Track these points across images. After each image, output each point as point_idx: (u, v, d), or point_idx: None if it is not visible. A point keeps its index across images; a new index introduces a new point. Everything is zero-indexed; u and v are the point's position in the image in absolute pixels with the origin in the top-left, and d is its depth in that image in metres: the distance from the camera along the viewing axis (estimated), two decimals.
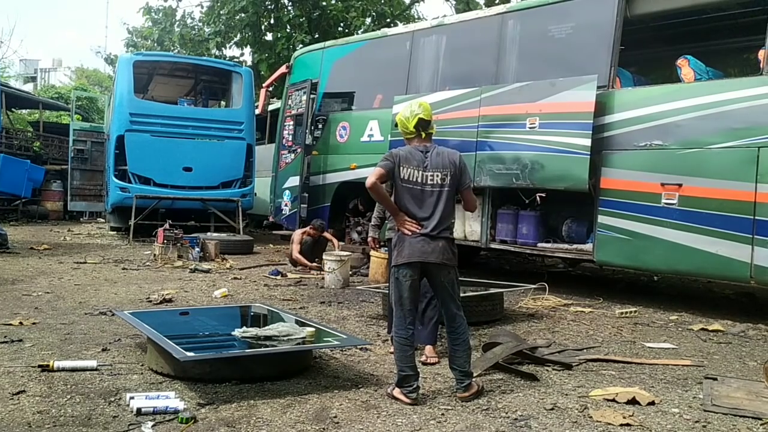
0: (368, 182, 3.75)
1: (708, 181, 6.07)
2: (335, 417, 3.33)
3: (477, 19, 8.61)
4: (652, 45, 8.08)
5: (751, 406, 3.59)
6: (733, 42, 7.76)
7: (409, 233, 3.75)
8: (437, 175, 3.80)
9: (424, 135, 3.92)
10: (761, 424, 3.34)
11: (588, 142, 6.72)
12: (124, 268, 8.70)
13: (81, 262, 9.12)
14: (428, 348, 4.58)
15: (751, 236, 5.79)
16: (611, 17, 6.86)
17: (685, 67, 6.63)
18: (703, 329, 5.73)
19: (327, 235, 9.27)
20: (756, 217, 5.75)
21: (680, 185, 6.24)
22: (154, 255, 9.51)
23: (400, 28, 12.76)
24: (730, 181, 5.93)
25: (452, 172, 3.82)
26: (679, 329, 5.80)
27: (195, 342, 4.38)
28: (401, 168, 3.76)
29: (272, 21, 18.69)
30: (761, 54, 5.95)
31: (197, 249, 9.65)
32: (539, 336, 5.38)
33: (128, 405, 3.36)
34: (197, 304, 6.38)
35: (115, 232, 13.67)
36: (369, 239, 5.88)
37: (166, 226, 9.77)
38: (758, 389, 3.91)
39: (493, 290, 6.15)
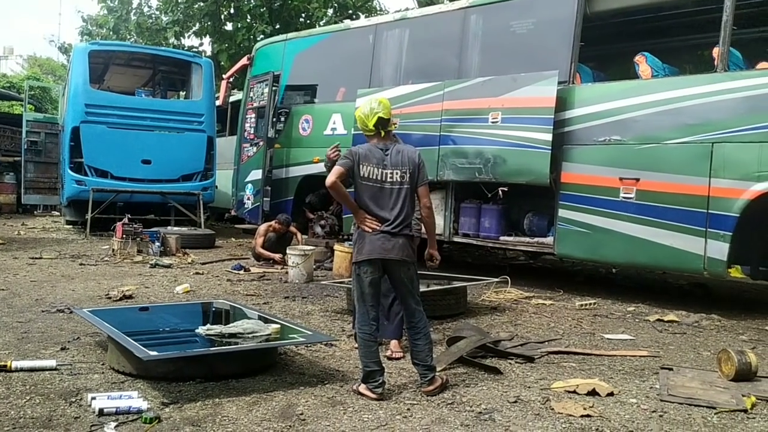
0: (328, 181, 3.76)
1: (664, 176, 6.23)
2: (301, 414, 3.33)
3: (440, 14, 8.64)
4: (611, 41, 8.23)
5: (706, 396, 3.71)
6: (689, 39, 7.96)
7: (370, 230, 3.77)
8: (397, 173, 3.82)
9: (383, 133, 3.93)
10: (715, 413, 3.46)
11: (549, 136, 6.82)
12: (81, 264, 8.51)
13: (36, 258, 8.89)
14: (393, 343, 4.61)
15: (704, 229, 5.96)
16: (571, 14, 6.96)
17: (643, 63, 6.77)
18: (659, 320, 5.90)
19: (292, 228, 9.22)
20: (709, 211, 5.93)
21: (638, 180, 6.39)
22: (113, 250, 9.32)
23: (363, 21, 12.71)
24: (685, 175, 6.09)
25: (411, 169, 3.86)
26: (636, 320, 5.95)
27: (157, 340, 4.33)
28: (361, 166, 3.78)
29: (232, 11, 18.41)
30: (715, 51, 6.11)
31: (157, 243, 9.49)
32: (502, 329, 5.46)
33: (90, 405, 3.31)
34: (159, 301, 6.28)
35: (71, 226, 13.34)
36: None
37: (125, 220, 9.58)
38: (712, 379, 4.05)
39: (456, 284, 6.21)
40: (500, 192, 8.09)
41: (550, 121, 6.82)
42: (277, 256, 8.71)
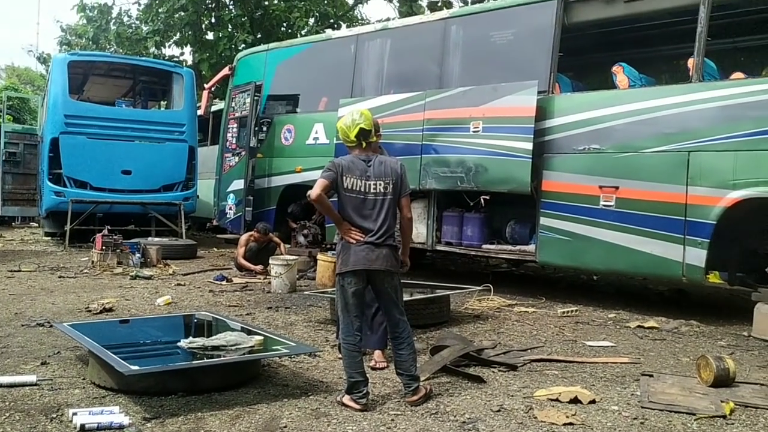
0: (313, 194, 3.77)
1: (643, 184, 6.32)
2: (285, 427, 3.33)
3: (421, 24, 8.71)
4: (589, 52, 8.35)
5: (686, 402, 3.76)
6: (665, 50, 8.10)
7: (354, 242, 3.79)
8: (380, 184, 3.85)
9: (365, 144, 3.95)
10: (695, 419, 3.51)
11: (530, 145, 6.89)
12: (60, 276, 8.41)
13: (15, 270, 8.77)
14: (377, 353, 4.62)
15: (682, 236, 6.05)
16: (550, 24, 7.05)
17: (620, 73, 6.87)
18: (639, 326, 5.96)
19: (275, 238, 9.20)
20: (687, 218, 6.02)
21: (617, 188, 6.47)
22: (93, 262, 9.23)
23: (345, 31, 12.77)
24: (663, 183, 6.18)
25: (394, 180, 3.88)
26: (617, 327, 6.01)
27: (139, 353, 4.29)
28: (344, 178, 3.80)
29: (213, 20, 18.40)
30: (690, 62, 6.23)
31: (138, 255, 9.41)
32: (485, 337, 5.49)
33: (71, 421, 3.27)
34: (139, 313, 6.23)
35: (49, 238, 13.19)
36: None
37: (105, 231, 9.50)
38: (691, 385, 4.11)
39: (439, 293, 6.24)
40: (482, 200, 8.15)
41: (531, 130, 6.90)
42: (258, 268, 8.68)
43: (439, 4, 19.93)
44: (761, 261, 5.90)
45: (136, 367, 3.63)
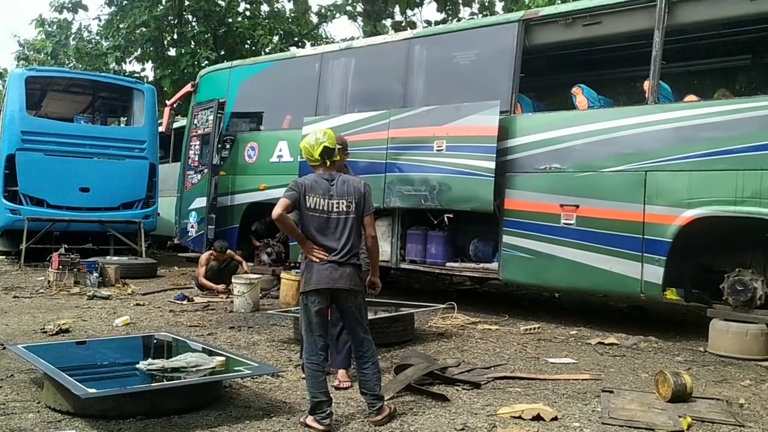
0: (274, 214, 3.77)
1: (602, 203, 6.45)
2: None
3: (385, 44, 8.78)
4: (550, 73, 8.53)
5: (645, 417, 3.83)
6: (622, 72, 8.31)
7: (317, 260, 3.78)
8: (343, 203, 3.86)
9: (329, 163, 3.96)
10: None
11: (492, 164, 6.97)
12: (15, 297, 8.17)
13: None
14: (341, 372, 4.59)
15: (641, 254, 6.18)
16: (511, 46, 7.18)
17: (579, 95, 7.03)
18: (600, 343, 6.06)
19: (237, 257, 9.10)
20: (645, 236, 6.15)
21: (577, 206, 6.59)
22: (49, 281, 8.98)
23: (309, 49, 12.83)
24: (622, 202, 6.32)
25: (357, 199, 3.89)
26: (579, 344, 6.09)
27: (96, 376, 4.19)
28: (307, 197, 3.80)
29: (175, 36, 18.27)
30: (646, 84, 6.41)
31: (96, 274, 9.20)
32: (449, 355, 5.50)
33: None
34: (97, 335, 6.09)
35: (4, 257, 12.81)
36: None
37: (62, 250, 9.26)
38: (650, 400, 4.18)
39: (403, 311, 6.24)
40: (446, 219, 8.20)
41: (493, 149, 6.99)
42: (220, 287, 8.57)
43: (403, 24, 20.19)
44: (715, 278, 6.05)
45: (93, 390, 3.54)
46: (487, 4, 20.65)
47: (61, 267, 8.96)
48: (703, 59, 7.92)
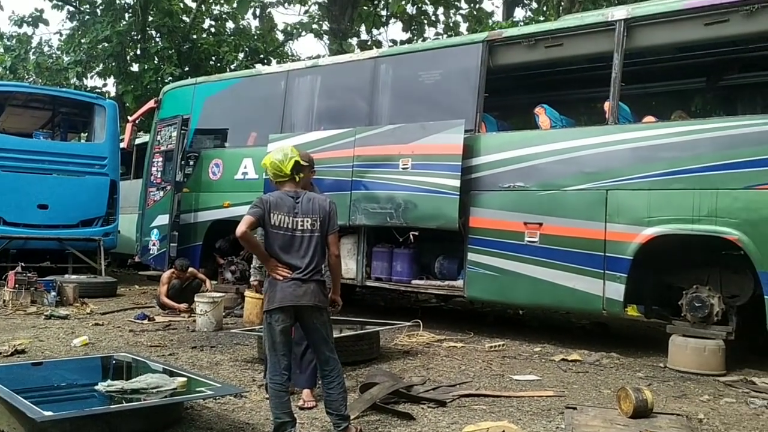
0: (238, 231, 3.72)
1: (565, 221, 6.55)
2: None
3: (351, 62, 8.82)
4: (514, 93, 8.67)
5: None
6: (583, 93, 8.50)
7: (281, 278, 3.75)
8: (307, 221, 3.84)
9: (297, 179, 3.95)
10: None
11: (457, 182, 7.04)
12: None
13: None
14: (306, 392, 4.55)
15: (602, 271, 6.28)
16: (476, 66, 7.28)
17: (542, 114, 7.15)
18: (563, 359, 6.11)
19: (200, 275, 8.96)
20: (606, 254, 6.26)
21: (541, 224, 6.67)
22: (4, 300, 8.71)
23: (275, 67, 12.80)
24: (584, 220, 6.43)
25: (322, 217, 3.88)
26: (543, 360, 6.14)
27: (53, 398, 4.07)
28: (271, 214, 3.77)
29: (139, 52, 18.07)
30: (606, 105, 6.56)
31: (53, 293, 8.95)
32: (415, 373, 5.49)
33: None
34: (54, 355, 5.91)
35: None
36: (254, 282, 5.61)
37: (18, 268, 9.01)
38: (612, 416, 4.22)
39: (369, 329, 6.22)
40: (411, 236, 8.22)
41: (458, 167, 7.05)
42: (182, 306, 8.42)
43: (369, 42, 20.36)
44: (674, 294, 6.17)
45: (49, 413, 3.43)
46: (451, 24, 21.02)
47: (17, 286, 8.72)
48: (661, 81, 8.15)
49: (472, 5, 20.37)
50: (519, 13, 19.62)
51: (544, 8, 17.92)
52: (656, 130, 6.29)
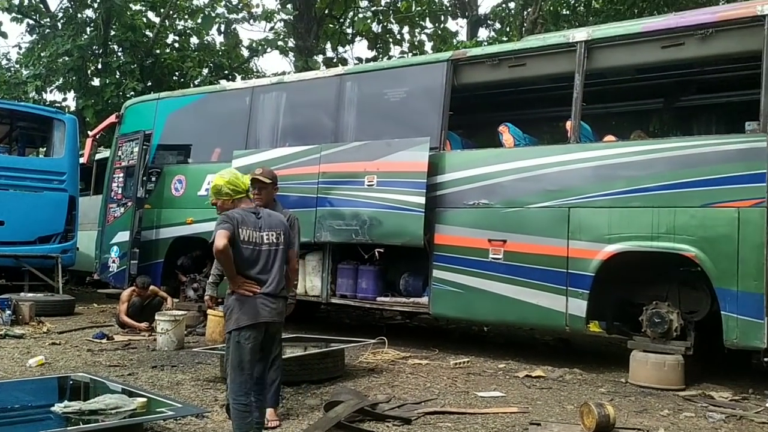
0: (220, 244, 3.69)
1: (528, 238, 6.62)
2: None
3: (317, 79, 8.84)
4: (478, 111, 8.78)
5: None
6: (546, 112, 8.66)
7: (250, 294, 3.72)
8: (272, 235, 3.89)
9: (252, 196, 4.07)
10: None
11: (422, 199, 7.07)
12: None
13: None
14: (269, 411, 4.47)
15: (565, 288, 6.36)
16: (441, 84, 7.36)
17: (506, 133, 7.25)
18: (527, 376, 6.15)
19: (161, 293, 8.80)
20: (569, 271, 6.35)
21: (505, 241, 6.74)
22: None
23: (240, 83, 12.76)
24: (547, 237, 6.51)
25: (284, 230, 3.95)
26: (507, 377, 6.17)
27: (7, 420, 3.94)
28: (240, 229, 3.77)
29: (100, 66, 17.80)
30: (568, 124, 6.69)
31: (8, 311, 8.67)
32: (380, 391, 5.46)
33: None
34: (9, 376, 5.71)
35: None
36: (207, 298, 5.57)
37: None
38: None
39: (333, 346, 6.17)
40: (377, 253, 8.22)
41: (423, 185, 7.09)
42: (142, 325, 8.24)
43: (335, 60, 20.45)
44: (635, 310, 6.28)
45: None
46: (416, 43, 21.24)
47: None
48: (621, 102, 8.35)
49: (436, 25, 20.62)
50: (483, 33, 19.96)
51: (507, 29, 18.25)
52: (616, 149, 6.43)
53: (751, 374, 6.43)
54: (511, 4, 18.81)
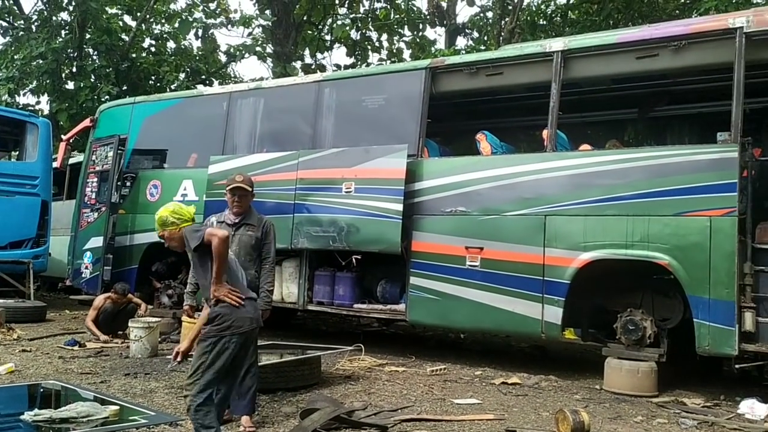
0: (223, 235, 3.72)
1: (505, 245, 6.66)
2: None
3: (295, 85, 8.82)
4: (456, 119, 8.83)
5: None
6: (523, 120, 8.73)
7: (236, 304, 3.79)
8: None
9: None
10: None
11: (400, 206, 7.08)
12: None
13: None
14: (245, 419, 4.45)
15: (541, 295, 6.40)
16: (419, 92, 7.39)
17: (483, 141, 7.30)
18: (503, 383, 6.17)
19: (135, 299, 8.67)
20: (545, 278, 6.39)
21: (482, 248, 6.77)
22: None
23: (217, 88, 12.69)
24: (523, 245, 6.55)
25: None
26: (483, 384, 6.19)
27: None
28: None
29: (75, 69, 17.56)
30: (545, 133, 6.75)
31: None
32: (356, 398, 5.43)
33: None
34: None
35: None
36: (186, 307, 5.50)
37: None
38: None
39: (310, 353, 6.14)
40: (354, 260, 8.21)
41: (401, 192, 7.10)
42: (102, 337, 8.05)
43: (313, 66, 20.42)
44: (609, 318, 6.34)
45: None
46: (395, 51, 21.32)
47: None
48: (596, 111, 8.45)
49: (415, 33, 20.73)
50: (461, 42, 20.10)
51: (485, 38, 18.41)
52: (592, 158, 6.50)
53: (723, 381, 6.53)
54: (489, 14, 18.99)
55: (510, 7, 16.95)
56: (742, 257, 5.56)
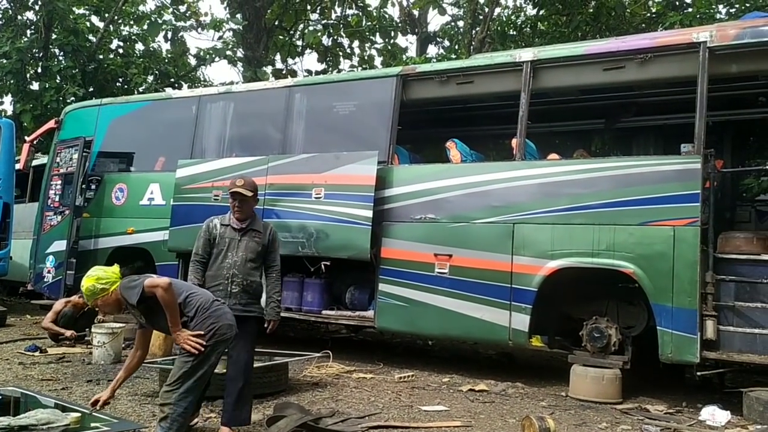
0: (165, 283, 3.86)
1: (474, 253, 6.70)
2: None
3: (266, 90, 8.77)
4: (426, 126, 8.87)
5: None
6: (492, 129, 8.81)
7: (196, 351, 3.88)
8: None
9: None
10: None
11: (369, 213, 7.08)
12: None
13: None
14: (224, 430, 4.43)
15: (509, 303, 6.45)
16: (390, 99, 7.41)
17: (453, 149, 7.35)
18: (471, 390, 6.20)
19: None
20: (512, 286, 6.45)
21: (451, 256, 6.80)
22: None
23: (186, 91, 12.54)
24: (492, 252, 6.60)
25: None
26: (451, 391, 6.20)
27: None
28: None
29: (40, 70, 17.21)
30: (514, 142, 6.82)
31: None
32: (323, 405, 5.41)
33: None
34: None
35: None
36: None
37: None
38: None
39: (278, 360, 6.09)
40: (323, 266, 8.17)
41: (371, 198, 7.11)
42: (68, 332, 7.89)
43: (284, 71, 20.35)
44: (576, 325, 6.42)
45: None
46: (366, 58, 21.36)
47: None
48: (564, 121, 8.58)
49: (386, 40, 20.80)
50: (432, 50, 20.22)
51: (456, 47, 18.56)
52: (559, 167, 6.58)
53: (685, 388, 6.65)
54: (460, 23, 19.16)
55: (481, 17, 17.13)
56: (704, 266, 5.68)
